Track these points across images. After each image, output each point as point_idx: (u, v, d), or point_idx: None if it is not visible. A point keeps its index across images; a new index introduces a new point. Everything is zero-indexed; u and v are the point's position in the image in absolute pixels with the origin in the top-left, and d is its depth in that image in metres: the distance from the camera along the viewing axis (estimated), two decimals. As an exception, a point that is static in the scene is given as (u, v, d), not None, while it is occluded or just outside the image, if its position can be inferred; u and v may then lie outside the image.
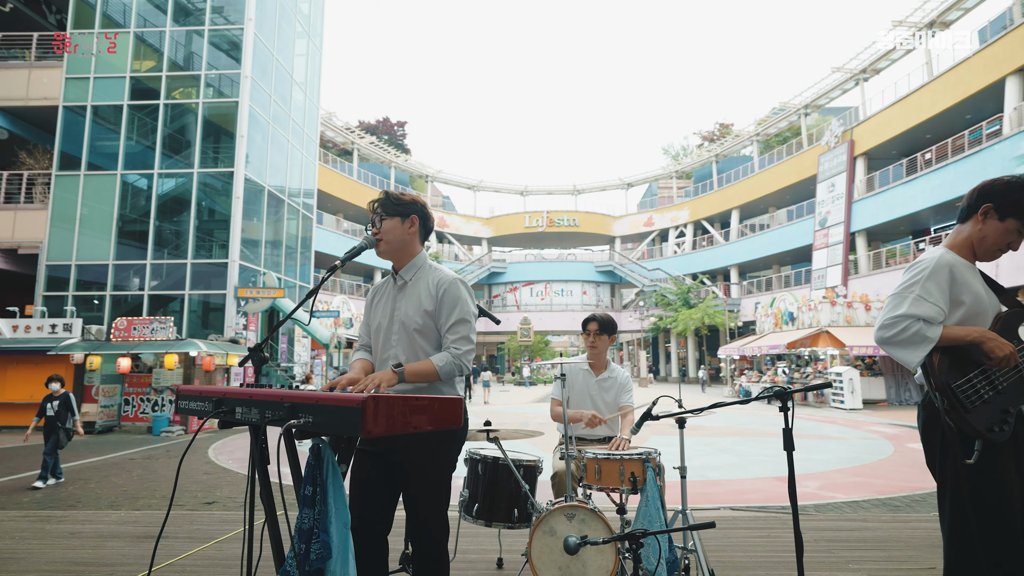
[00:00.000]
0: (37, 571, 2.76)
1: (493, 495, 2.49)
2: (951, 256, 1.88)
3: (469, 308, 2.05)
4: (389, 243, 2.06)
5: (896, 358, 1.85)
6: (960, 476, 1.74)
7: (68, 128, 15.92)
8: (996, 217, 1.86)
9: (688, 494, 6.59)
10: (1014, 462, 1.76)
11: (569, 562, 2.17)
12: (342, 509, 1.42)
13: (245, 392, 1.56)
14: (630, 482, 2.44)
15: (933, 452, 1.85)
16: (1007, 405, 1.76)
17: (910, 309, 1.78)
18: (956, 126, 24.11)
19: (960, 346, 1.78)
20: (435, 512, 1.91)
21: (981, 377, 1.77)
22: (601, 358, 3.13)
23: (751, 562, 2.95)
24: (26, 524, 3.73)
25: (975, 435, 1.71)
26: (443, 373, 1.94)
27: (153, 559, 1.49)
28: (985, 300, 1.86)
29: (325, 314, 20.47)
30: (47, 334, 13.34)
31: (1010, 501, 1.69)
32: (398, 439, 1.90)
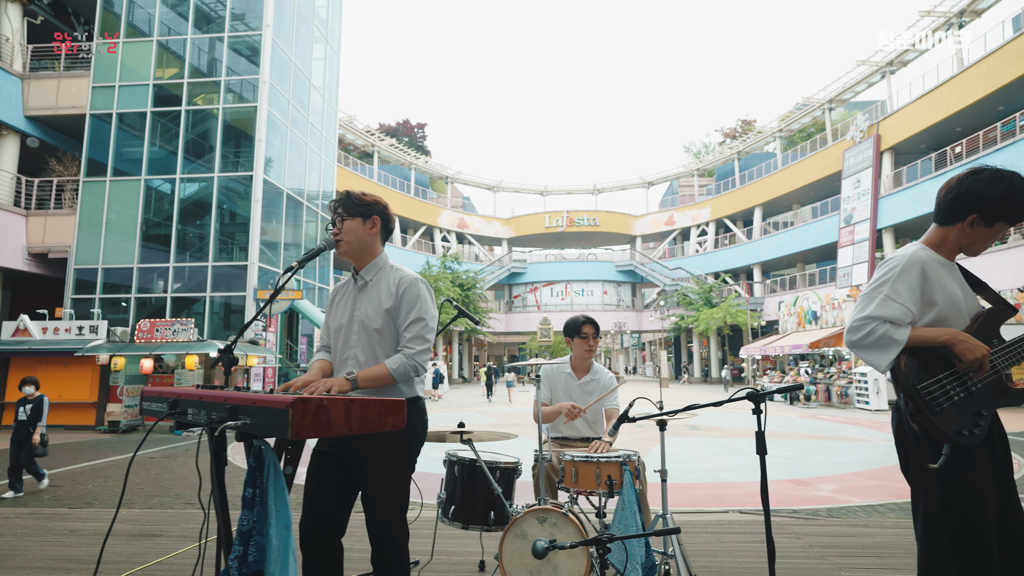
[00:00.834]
0: (32, 568, 2.83)
1: (470, 497, 2.48)
2: (924, 254, 1.80)
3: (428, 308, 2.03)
4: (350, 243, 2.05)
5: (865, 361, 1.78)
6: (929, 482, 1.67)
7: (95, 135, 16.38)
8: (984, 224, 1.77)
9: (699, 496, 6.51)
10: (989, 465, 1.68)
11: (540, 566, 2.14)
12: (283, 511, 1.41)
13: (196, 393, 1.57)
14: (607, 485, 2.39)
15: (906, 457, 1.77)
16: (980, 407, 1.68)
17: (876, 310, 1.71)
18: (988, 118, 23.34)
19: (931, 347, 1.70)
20: (394, 513, 1.90)
21: (952, 378, 1.69)
22: (586, 360, 3.09)
23: (739, 568, 2.88)
24: (30, 521, 3.85)
25: (943, 439, 1.63)
26: (398, 375, 1.93)
27: (100, 559, 1.50)
28: (961, 300, 1.78)
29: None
30: (74, 336, 13.74)
31: (982, 507, 1.61)
32: (356, 440, 1.90)
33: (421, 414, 2.04)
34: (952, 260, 1.86)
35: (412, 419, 1.99)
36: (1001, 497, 1.69)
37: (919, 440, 1.70)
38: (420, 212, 40.28)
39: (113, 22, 17.06)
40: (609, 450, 2.64)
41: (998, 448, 1.74)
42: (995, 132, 22.52)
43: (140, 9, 17.28)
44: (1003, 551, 1.66)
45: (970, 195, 1.76)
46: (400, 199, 38.52)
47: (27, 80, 16.63)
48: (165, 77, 16.91)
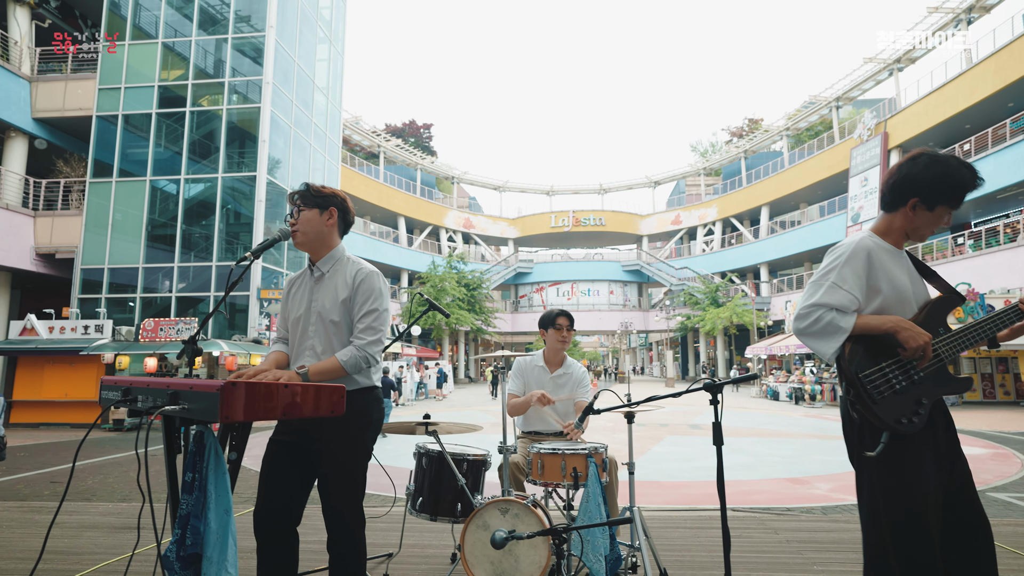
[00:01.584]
0: (11, 558, 2.88)
1: (438, 489, 2.48)
2: (871, 241, 1.79)
3: (382, 300, 2.04)
4: (306, 234, 2.06)
5: (811, 348, 1.77)
6: (871, 469, 1.66)
7: (101, 137, 16.56)
8: (926, 208, 1.76)
9: (693, 495, 6.48)
10: (931, 453, 1.66)
11: (501, 557, 2.14)
12: (223, 496, 1.43)
13: (144, 381, 1.59)
14: (572, 477, 2.39)
15: (852, 445, 1.76)
16: (922, 396, 1.66)
17: (823, 298, 1.70)
18: (997, 115, 23.07)
19: (875, 335, 1.69)
20: (349, 500, 1.91)
21: (895, 366, 1.68)
22: (558, 353, 3.08)
23: (712, 562, 2.87)
24: (17, 515, 3.90)
25: (883, 427, 1.62)
26: (349, 367, 1.93)
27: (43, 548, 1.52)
28: (908, 287, 1.76)
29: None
30: (80, 335, 13.90)
31: (921, 495, 1.60)
32: (312, 428, 1.92)
33: (377, 402, 2.04)
34: (900, 247, 1.85)
35: (368, 407, 2.00)
36: (947, 484, 1.67)
37: (860, 427, 1.69)
38: (426, 212, 40.36)
39: (119, 24, 17.24)
40: (578, 437, 2.64)
41: (941, 435, 1.72)
42: (1004, 129, 22.25)
43: (146, 12, 17.45)
44: (951, 536, 1.65)
45: (909, 180, 1.75)
46: (406, 199, 38.62)
47: (35, 82, 16.83)
48: (170, 79, 17.06)
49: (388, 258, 36.07)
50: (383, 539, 3.21)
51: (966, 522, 1.66)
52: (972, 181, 1.72)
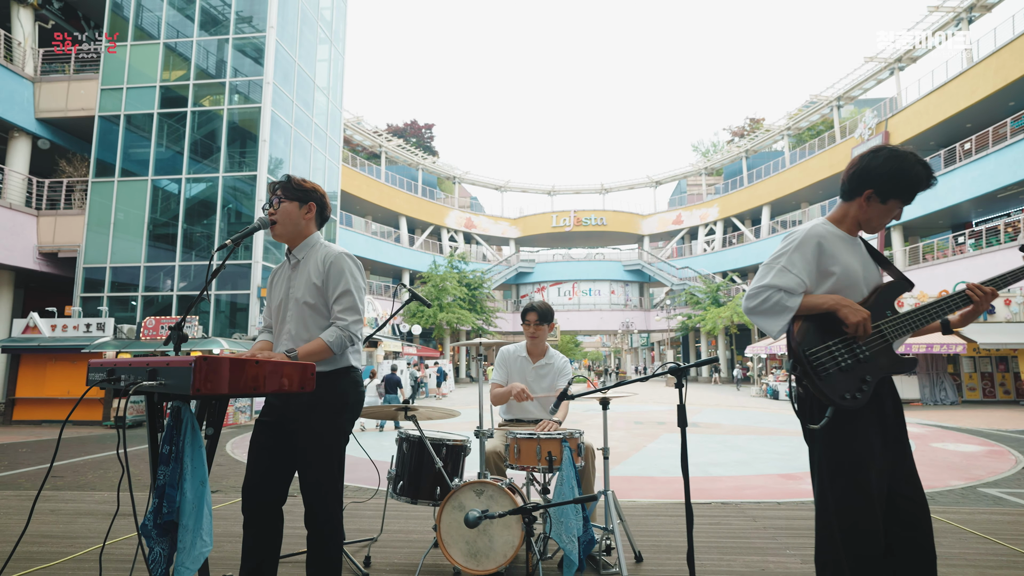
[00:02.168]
0: (8, 541, 2.96)
1: (418, 473, 2.56)
2: (823, 228, 1.86)
3: (355, 280, 2.11)
4: (284, 225, 2.14)
5: (759, 327, 1.85)
6: (820, 444, 1.73)
7: (103, 137, 16.69)
8: (879, 200, 1.83)
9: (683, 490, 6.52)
10: (877, 428, 1.74)
11: (476, 536, 2.22)
12: (199, 467, 1.50)
13: (126, 361, 1.66)
14: (547, 461, 2.46)
15: (802, 420, 1.84)
16: (867, 373, 1.74)
17: (773, 280, 1.78)
18: (998, 114, 23.05)
19: (825, 314, 1.77)
20: (327, 477, 1.98)
21: (841, 345, 1.75)
22: (539, 345, 3.16)
23: (684, 544, 2.94)
24: (15, 502, 3.99)
25: (828, 402, 1.70)
26: (335, 347, 2.01)
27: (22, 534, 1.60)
28: (858, 272, 1.84)
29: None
30: (82, 333, 14.02)
31: (865, 467, 1.67)
32: (293, 409, 2.00)
33: (355, 385, 2.12)
34: (854, 235, 1.91)
35: (345, 388, 2.08)
36: (892, 458, 1.74)
37: (806, 402, 1.76)
38: (427, 212, 40.46)
39: (121, 25, 17.37)
40: (556, 429, 2.71)
41: (889, 412, 1.79)
42: (1005, 128, 22.23)
43: (148, 12, 17.57)
44: (895, 507, 1.72)
45: (867, 172, 1.82)
46: (407, 199, 38.72)
47: (38, 83, 16.98)
48: (172, 79, 17.18)
49: (389, 258, 36.17)
50: (368, 525, 3.29)
51: (905, 496, 1.73)
52: (926, 179, 1.80)
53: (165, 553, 1.46)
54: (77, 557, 2.78)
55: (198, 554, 1.45)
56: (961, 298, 1.84)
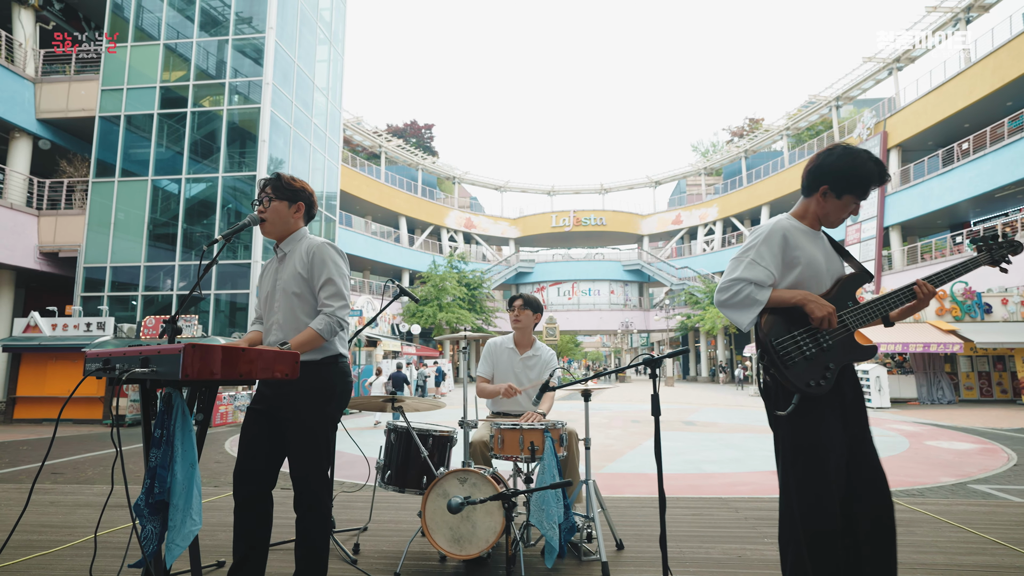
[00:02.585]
0: (7, 530, 3.04)
1: (405, 463, 2.64)
2: (787, 222, 1.95)
3: (338, 268, 2.19)
4: (273, 223, 2.23)
5: (730, 319, 1.93)
6: (784, 429, 1.81)
7: (104, 137, 16.79)
8: (834, 196, 1.92)
9: (677, 486, 6.61)
10: (838, 413, 1.82)
11: (459, 522, 2.30)
12: (189, 450, 1.58)
13: (121, 351, 1.74)
14: (529, 451, 2.54)
15: (768, 406, 1.91)
16: (830, 361, 1.82)
17: (743, 273, 1.86)
18: (996, 114, 23.12)
19: (792, 307, 1.85)
20: (314, 462, 2.07)
21: (806, 335, 1.83)
22: (526, 335, 3.24)
23: (668, 535, 3.01)
24: (15, 495, 4.08)
25: (794, 389, 1.78)
26: (325, 333, 2.10)
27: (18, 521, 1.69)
28: (822, 264, 1.92)
29: (351, 313, 20.93)
30: (83, 332, 14.11)
31: (826, 450, 1.75)
32: (283, 397, 2.09)
33: (343, 375, 2.20)
34: (816, 229, 1.99)
35: (333, 378, 2.16)
36: (852, 442, 1.82)
37: (773, 390, 1.84)
38: (427, 212, 40.55)
39: (122, 26, 17.47)
40: (540, 420, 2.79)
41: (849, 398, 1.87)
42: (1003, 128, 22.29)
43: (148, 13, 17.67)
44: (855, 488, 1.80)
45: (821, 169, 1.91)
46: (407, 199, 38.81)
47: (39, 84, 17.08)
48: (172, 80, 17.28)
49: (389, 258, 36.26)
50: (360, 516, 3.38)
51: (864, 478, 1.81)
52: (878, 176, 1.88)
53: (156, 531, 1.54)
54: (75, 544, 2.87)
55: (188, 532, 1.53)
56: (908, 293, 1.92)
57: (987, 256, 1.98)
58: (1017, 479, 7.75)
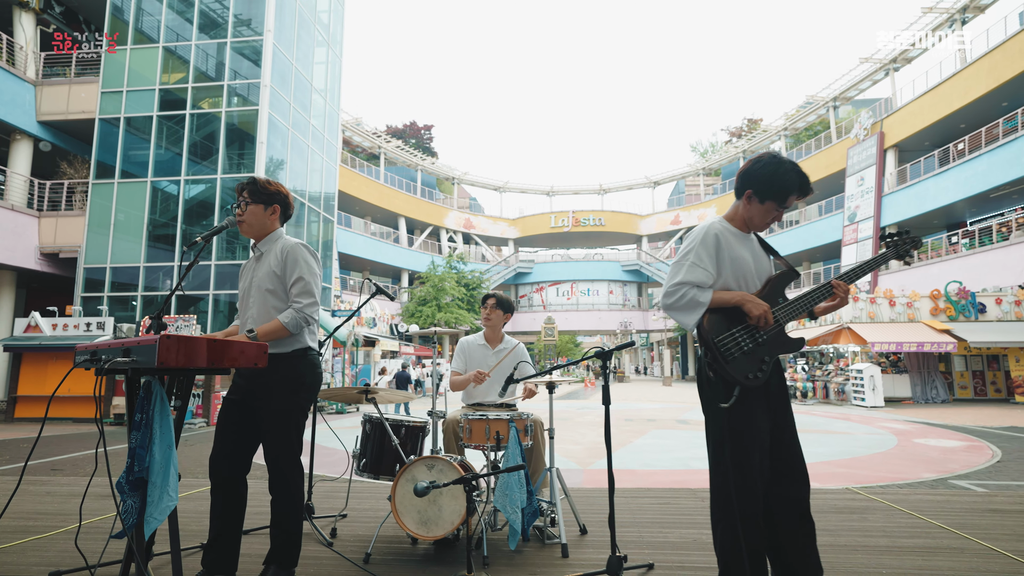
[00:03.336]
0: (6, 518, 3.20)
1: (380, 451, 2.79)
2: (719, 225, 2.09)
3: (310, 268, 2.35)
4: (251, 225, 2.38)
5: (677, 321, 2.07)
6: (717, 417, 1.96)
7: (103, 139, 16.96)
8: (757, 201, 2.05)
9: (662, 481, 6.74)
10: (764, 403, 1.97)
11: (426, 506, 2.45)
12: (167, 433, 1.74)
13: (106, 343, 1.90)
14: (495, 439, 2.69)
15: (704, 398, 2.06)
16: (765, 355, 1.96)
17: (685, 276, 1.99)
18: (991, 114, 23.23)
19: (727, 307, 1.99)
20: (286, 449, 2.22)
21: (743, 331, 1.97)
22: (496, 332, 3.39)
23: (631, 521, 3.17)
24: (13, 486, 4.24)
25: (735, 382, 1.92)
26: (290, 327, 2.25)
27: (7, 505, 1.84)
28: (750, 264, 2.06)
29: (346, 313, 21.11)
30: (82, 332, 14.27)
31: (754, 435, 1.91)
32: (256, 387, 2.24)
33: (313, 366, 2.36)
34: (746, 231, 2.14)
35: (303, 369, 2.32)
36: (775, 430, 1.97)
37: (715, 384, 1.98)
38: (426, 213, 40.71)
39: (122, 29, 17.64)
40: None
41: (774, 389, 2.02)
42: (998, 128, 22.40)
43: (148, 16, 17.84)
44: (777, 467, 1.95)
45: (748, 174, 2.05)
46: (406, 200, 38.98)
47: (40, 86, 17.26)
48: (171, 82, 17.45)
49: (388, 258, 36.43)
50: (341, 503, 3.54)
51: (786, 462, 1.97)
52: (797, 186, 2.03)
53: (136, 506, 1.69)
54: (68, 530, 3.02)
55: (165, 507, 1.69)
56: (828, 290, 2.06)
57: (893, 251, 2.12)
58: (998, 475, 7.88)
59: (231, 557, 2.20)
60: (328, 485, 4.20)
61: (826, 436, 11.49)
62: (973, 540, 2.74)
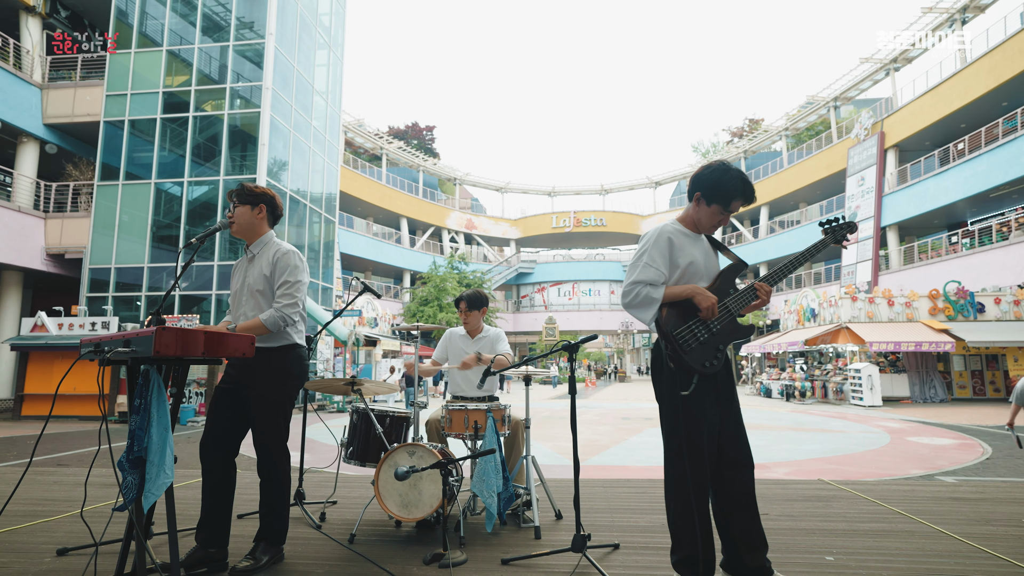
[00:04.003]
0: (14, 503, 3.38)
1: (366, 440, 2.96)
2: (671, 227, 2.26)
3: (296, 273, 2.53)
4: (240, 225, 2.57)
5: (634, 317, 2.23)
6: (671, 405, 2.12)
7: (108, 141, 17.20)
8: (705, 204, 2.22)
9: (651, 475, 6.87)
10: (711, 389, 2.13)
11: (407, 490, 2.62)
12: (163, 417, 1.91)
13: (108, 336, 2.07)
14: (473, 428, 2.86)
15: (659, 387, 2.22)
16: (719, 343, 2.13)
17: (639, 276, 2.16)
18: (991, 114, 23.26)
19: (685, 300, 2.15)
20: (274, 434, 2.41)
21: (698, 323, 2.14)
22: (474, 327, 3.57)
23: (604, 507, 3.33)
24: (18, 474, 4.43)
25: (692, 371, 2.08)
26: (268, 324, 2.44)
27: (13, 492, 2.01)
28: (700, 262, 2.23)
29: (348, 313, 21.29)
30: (88, 331, 14.51)
31: (706, 420, 2.07)
32: (245, 377, 2.42)
33: (300, 360, 2.54)
34: (698, 232, 2.30)
35: (290, 362, 2.51)
36: (722, 414, 2.14)
37: (674, 374, 2.13)
38: (428, 213, 40.92)
39: (126, 32, 17.88)
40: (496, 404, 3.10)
41: (721, 378, 2.18)
42: (998, 128, 22.43)
43: (152, 20, 18.09)
44: (726, 452, 2.11)
45: (697, 179, 2.22)
46: (408, 201, 39.20)
47: (45, 90, 17.52)
48: (174, 85, 17.68)
49: (390, 259, 36.65)
50: (331, 491, 3.71)
51: (731, 446, 2.13)
52: (740, 193, 2.19)
53: (136, 482, 1.87)
54: (73, 514, 3.20)
55: (161, 483, 1.86)
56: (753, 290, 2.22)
57: (832, 236, 2.28)
58: (984, 471, 8.01)
59: (222, 533, 2.39)
60: (319, 475, 4.38)
61: (820, 435, 11.62)
62: (925, 524, 2.89)
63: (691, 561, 2.03)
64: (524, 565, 2.37)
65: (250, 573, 2.28)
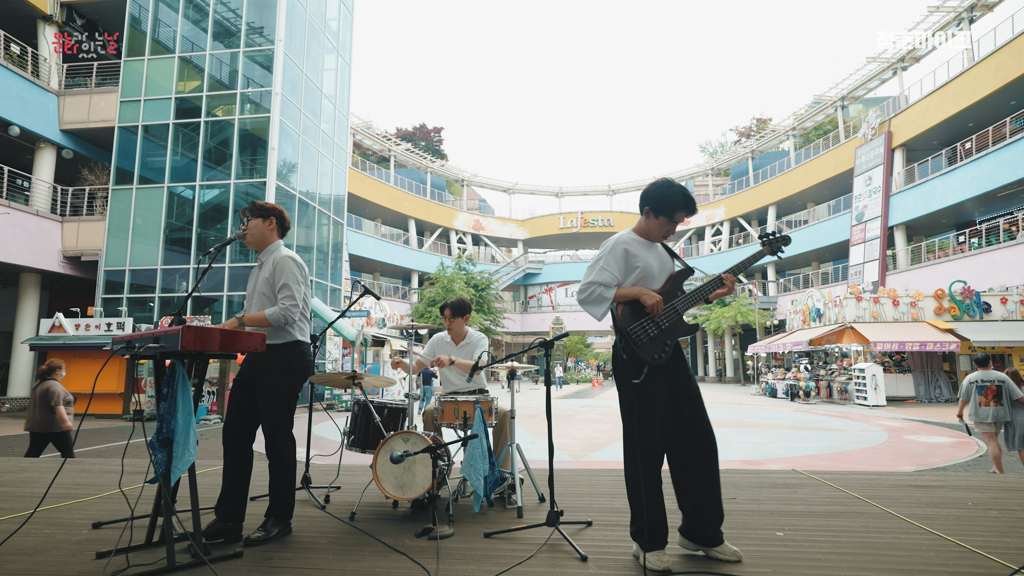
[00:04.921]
0: (43, 484, 3.71)
1: (367, 429, 3.26)
2: (627, 236, 2.53)
3: (294, 276, 2.83)
4: (253, 236, 2.89)
5: (588, 313, 2.50)
6: (628, 392, 2.39)
7: (123, 146, 17.68)
8: (653, 216, 2.50)
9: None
10: (664, 381, 2.40)
11: (402, 472, 2.90)
12: (187, 403, 2.21)
13: (139, 335, 2.38)
14: (462, 418, 3.15)
15: (617, 376, 2.49)
16: (667, 338, 2.40)
17: (595, 278, 2.45)
18: (999, 113, 23.18)
19: (634, 300, 2.43)
20: (279, 421, 2.72)
21: (649, 321, 2.41)
22: (458, 331, 3.85)
23: (585, 492, 3.60)
24: (52, 463, 4.78)
25: (643, 362, 2.35)
26: (271, 319, 2.75)
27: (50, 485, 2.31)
28: (655, 268, 2.49)
29: (356, 314, 21.66)
30: (103, 332, 14.97)
31: (657, 405, 2.34)
32: (256, 371, 2.73)
33: (303, 356, 2.85)
34: (653, 241, 2.56)
35: (291, 357, 2.82)
36: (680, 400, 2.40)
37: (627, 365, 2.40)
38: (436, 214, 41.30)
39: (140, 39, 18.35)
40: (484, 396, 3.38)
41: (673, 370, 2.44)
42: (1005, 127, 22.39)
43: (165, 27, 18.55)
44: (688, 431, 2.37)
45: (645, 194, 2.50)
46: (416, 202, 39.58)
47: (62, 96, 18.04)
48: (186, 90, 18.13)
49: (398, 259, 37.05)
50: (338, 479, 4.01)
51: (692, 426, 2.39)
52: (683, 206, 2.47)
53: (164, 459, 2.17)
54: (104, 496, 3.52)
55: (186, 460, 2.16)
56: (719, 281, 2.49)
57: (768, 248, 2.54)
58: (975, 468, 8.18)
59: (239, 509, 2.69)
60: (324, 465, 4.68)
61: (820, 433, 11.80)
62: (877, 507, 3.13)
63: (644, 531, 2.31)
64: (504, 538, 2.65)
65: (262, 542, 2.58)
